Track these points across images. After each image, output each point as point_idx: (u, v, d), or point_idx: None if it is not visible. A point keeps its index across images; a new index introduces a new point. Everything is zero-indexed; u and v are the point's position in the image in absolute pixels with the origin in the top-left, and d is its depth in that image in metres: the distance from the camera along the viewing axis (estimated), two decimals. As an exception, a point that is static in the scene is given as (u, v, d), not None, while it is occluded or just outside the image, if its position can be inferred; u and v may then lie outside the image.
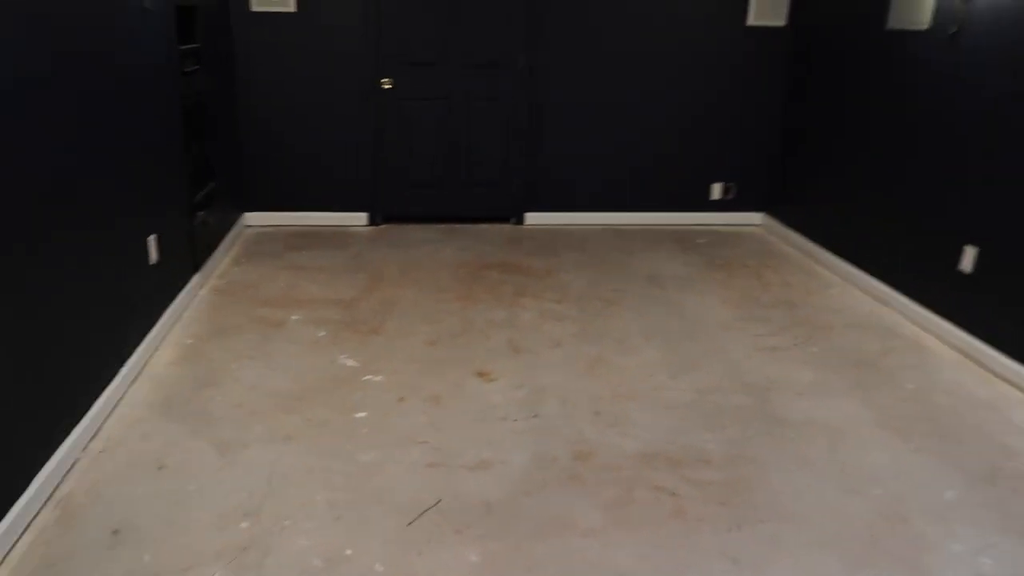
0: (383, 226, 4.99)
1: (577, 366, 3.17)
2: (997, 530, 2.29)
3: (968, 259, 3.48)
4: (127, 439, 2.54)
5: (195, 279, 3.70)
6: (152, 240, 3.15)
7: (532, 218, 5.18)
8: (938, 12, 3.64)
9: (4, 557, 1.99)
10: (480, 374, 3.06)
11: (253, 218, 4.92)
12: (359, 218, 4.98)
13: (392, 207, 5.01)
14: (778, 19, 4.95)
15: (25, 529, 2.10)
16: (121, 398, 2.77)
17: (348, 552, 2.07)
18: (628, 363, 3.21)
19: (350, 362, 3.09)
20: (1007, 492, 2.48)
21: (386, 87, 4.75)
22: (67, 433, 2.39)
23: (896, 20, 3.94)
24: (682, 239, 4.99)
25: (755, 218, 5.36)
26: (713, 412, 2.86)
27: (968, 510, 2.37)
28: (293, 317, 3.49)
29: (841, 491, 2.43)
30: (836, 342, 3.53)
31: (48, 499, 2.23)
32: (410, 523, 2.18)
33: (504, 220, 5.20)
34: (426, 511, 2.24)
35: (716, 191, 5.25)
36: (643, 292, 4.02)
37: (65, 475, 2.33)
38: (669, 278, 4.25)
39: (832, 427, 2.80)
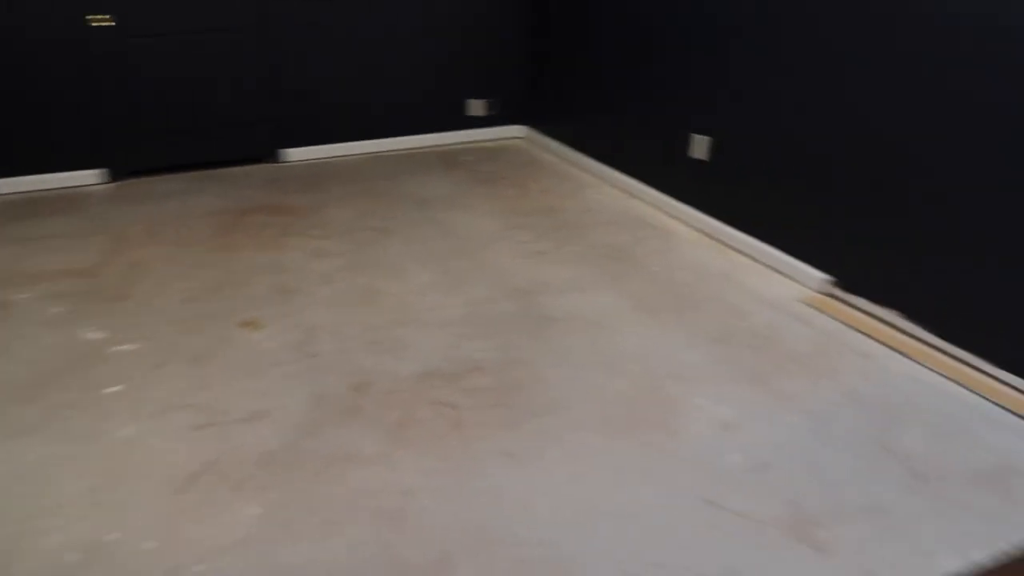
0: (127, 181, 4.53)
1: (349, 299, 3.12)
2: (733, 381, 2.60)
3: (702, 148, 3.81)
4: None
5: None
6: None
7: (293, 154, 4.94)
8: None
9: None
10: (246, 324, 2.93)
11: (-40, 192, 4.26)
12: (95, 175, 4.48)
13: (133, 159, 4.55)
14: (509, -72, 4.97)
15: None
16: None
17: (112, 537, 1.93)
18: (401, 288, 3.21)
19: (95, 335, 2.82)
20: (741, 348, 2.81)
21: (105, 24, 4.22)
22: None
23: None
24: (448, 159, 5.01)
25: (517, 131, 5.49)
26: (484, 323, 2.96)
27: (708, 369, 2.66)
28: (20, 296, 3.11)
29: (602, 374, 2.63)
30: (593, 239, 3.75)
31: None
32: (180, 491, 2.07)
33: (262, 160, 4.92)
34: (199, 474, 2.13)
35: (478, 107, 5.29)
36: (412, 216, 4.01)
37: None
38: (437, 199, 4.27)
39: (592, 318, 3.01)
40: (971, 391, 2.56)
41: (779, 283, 3.32)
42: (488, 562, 1.84)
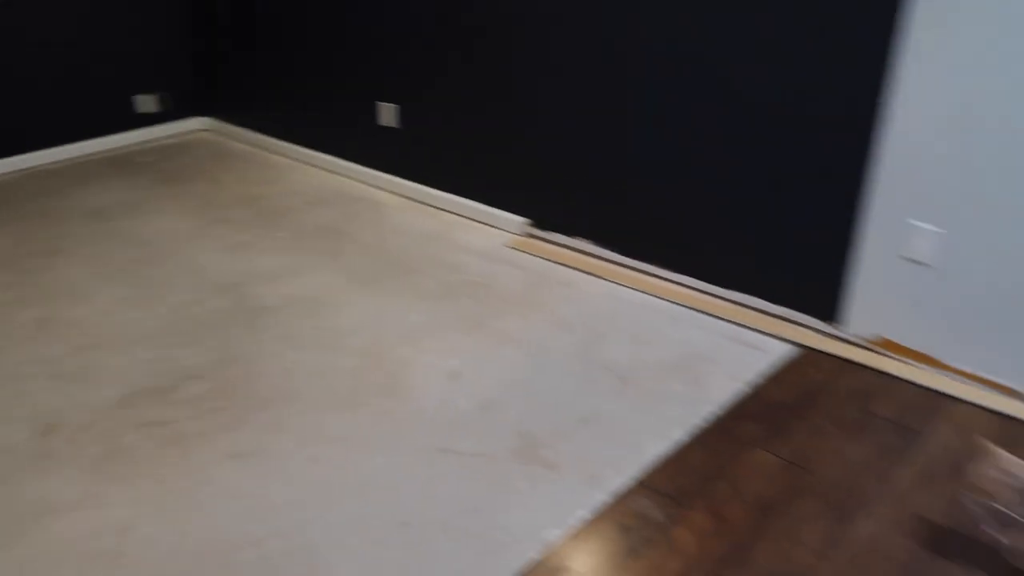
0: None
1: (20, 335, 2.72)
2: (457, 333, 2.68)
3: (390, 115, 3.83)
4: None
5: None
6: None
7: (-77, 186, 4.16)
8: None
9: None
10: None
11: None
12: None
13: None
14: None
15: None
16: None
17: None
18: (86, 311, 2.87)
19: None
20: (460, 300, 2.90)
21: None
22: None
23: None
24: (122, 163, 4.53)
25: (199, 123, 5.11)
26: (192, 327, 2.75)
27: (432, 327, 2.72)
28: None
29: (327, 354, 2.57)
30: (299, 222, 3.64)
31: None
32: None
33: None
34: None
35: (148, 103, 4.83)
36: (89, 231, 3.59)
37: None
38: (117, 207, 3.86)
39: (310, 300, 2.92)
40: (656, 296, 2.89)
41: (486, 234, 3.48)
42: (227, 572, 1.73)
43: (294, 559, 1.76)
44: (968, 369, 2.31)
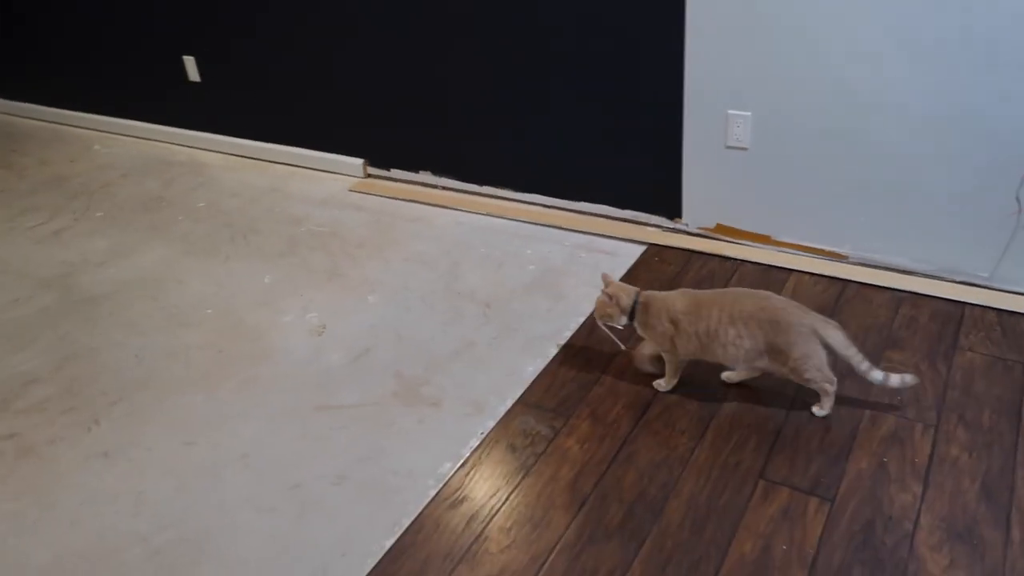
0: None
1: None
2: (312, 287, 2.60)
3: (192, 69, 3.55)
4: None
5: None
6: None
7: None
8: None
9: None
10: None
11: None
12: None
13: None
14: None
15: None
16: None
17: None
18: None
19: None
20: (309, 252, 2.81)
21: None
22: None
23: None
24: None
25: (-24, 103, 4.53)
26: (19, 329, 2.50)
27: (285, 284, 2.63)
28: None
29: (179, 332, 2.43)
30: (119, 197, 3.35)
31: None
32: None
33: None
34: None
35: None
36: None
37: None
38: None
39: (147, 280, 2.73)
40: (506, 219, 2.92)
41: (323, 180, 3.36)
42: (119, 573, 1.64)
43: (187, 547, 1.69)
44: (795, 241, 2.52)
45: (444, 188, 3.15)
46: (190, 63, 3.53)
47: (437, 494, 1.78)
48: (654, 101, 2.54)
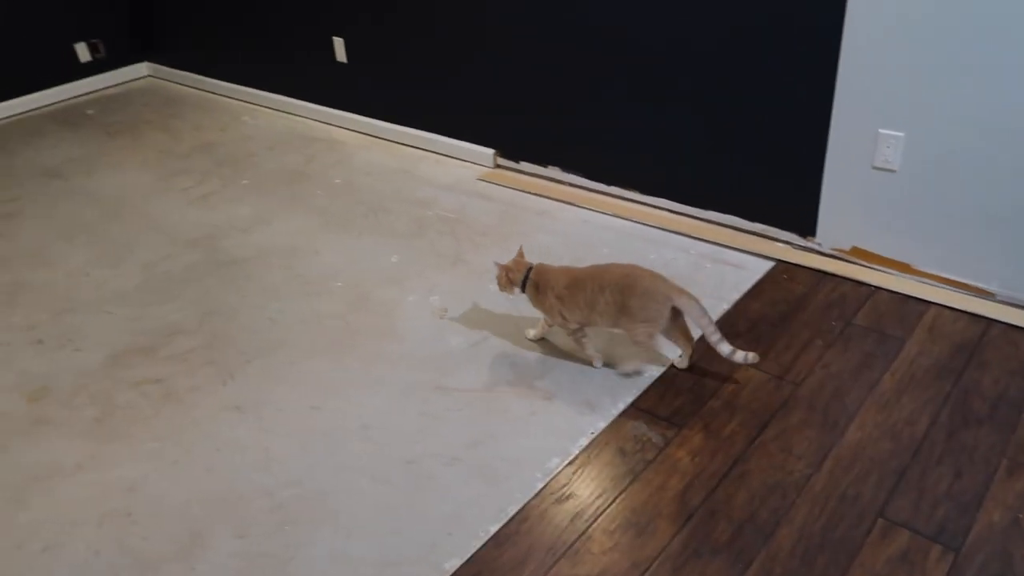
0: None
1: (-7, 303, 2.65)
2: (437, 270, 2.68)
3: (340, 50, 3.70)
4: None
5: None
6: None
7: None
8: None
9: None
10: None
11: None
12: None
13: None
14: None
15: None
16: None
17: None
18: (55, 274, 2.80)
19: None
20: (433, 237, 2.89)
21: None
22: None
23: None
24: (67, 116, 4.34)
25: (140, 70, 4.89)
26: (167, 283, 2.70)
27: (411, 265, 2.72)
28: None
29: (311, 300, 2.56)
30: (263, 167, 3.55)
31: None
32: None
33: None
34: None
35: (83, 52, 4.59)
36: (45, 191, 3.46)
37: None
38: (70, 164, 3.72)
39: (285, 247, 2.89)
40: (633, 221, 2.91)
41: (452, 167, 3.44)
42: (241, 523, 1.76)
43: (307, 505, 1.79)
44: (937, 272, 2.39)
45: (572, 185, 3.17)
46: (339, 44, 3.69)
47: (544, 487, 1.81)
48: (798, 113, 2.47)
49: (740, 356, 2.01)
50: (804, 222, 2.61)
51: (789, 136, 2.52)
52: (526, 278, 2.16)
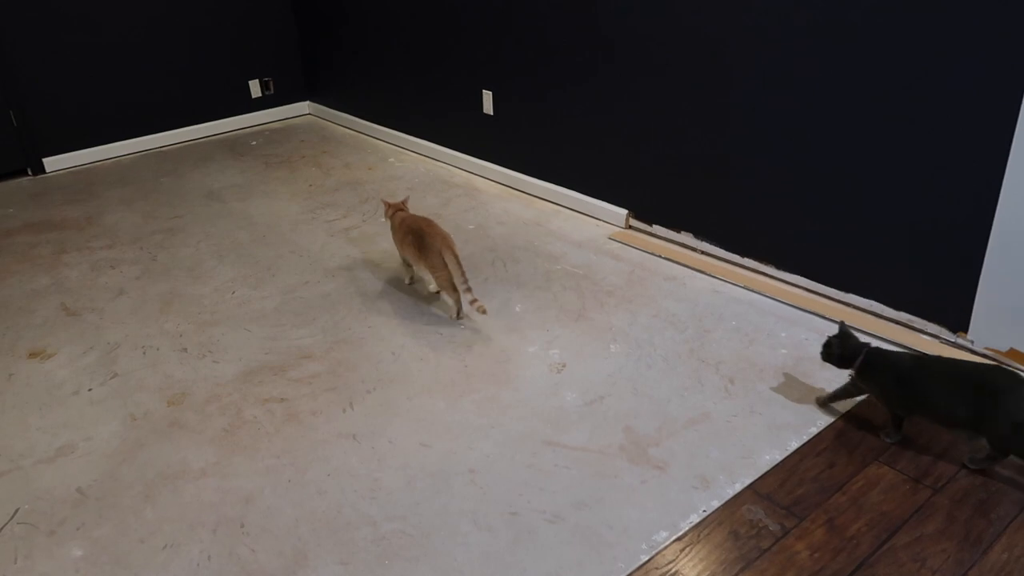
0: None
1: (148, 309, 2.87)
2: (559, 324, 2.68)
3: (488, 103, 3.84)
4: None
5: None
6: None
7: (54, 163, 4.43)
8: None
9: None
10: (33, 354, 2.62)
11: None
12: None
13: None
14: None
15: None
16: None
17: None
18: (206, 288, 3.01)
19: None
20: (562, 291, 2.90)
21: None
22: None
23: None
24: (233, 145, 4.71)
25: (302, 108, 5.26)
26: (303, 308, 2.84)
27: (534, 316, 2.73)
28: None
29: (431, 339, 2.61)
30: (403, 207, 3.70)
31: None
32: (-17, 551, 1.83)
33: (19, 173, 4.37)
34: (1, 528, 1.89)
35: (255, 88, 5.01)
36: (206, 211, 3.75)
37: None
38: (230, 189, 4.02)
39: (418, 286, 2.97)
40: (764, 295, 2.81)
41: (584, 223, 3.46)
42: (345, 549, 1.79)
43: (410, 541, 1.80)
44: (1109, 388, 2.16)
45: (704, 252, 3.11)
46: (487, 97, 3.83)
47: (649, 560, 1.74)
48: (960, 198, 2.32)
49: (467, 302, 2.58)
50: (956, 316, 2.44)
51: (944, 220, 2.37)
52: (393, 214, 2.94)
